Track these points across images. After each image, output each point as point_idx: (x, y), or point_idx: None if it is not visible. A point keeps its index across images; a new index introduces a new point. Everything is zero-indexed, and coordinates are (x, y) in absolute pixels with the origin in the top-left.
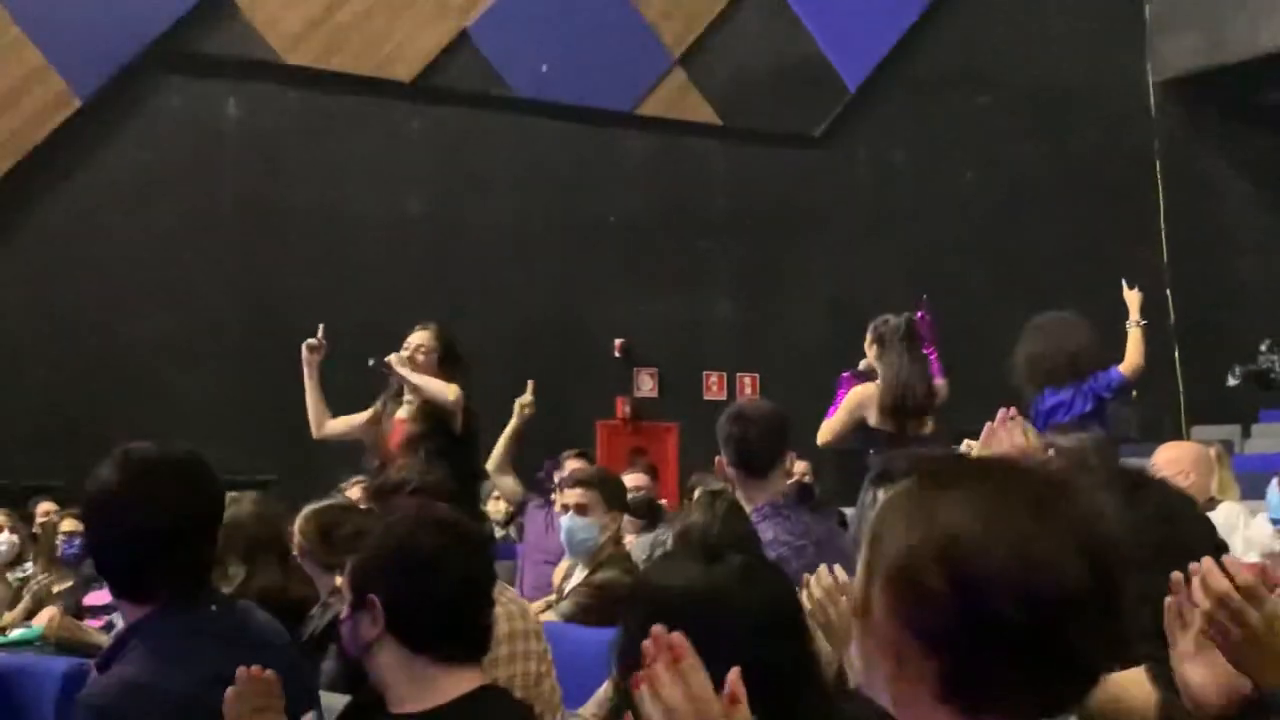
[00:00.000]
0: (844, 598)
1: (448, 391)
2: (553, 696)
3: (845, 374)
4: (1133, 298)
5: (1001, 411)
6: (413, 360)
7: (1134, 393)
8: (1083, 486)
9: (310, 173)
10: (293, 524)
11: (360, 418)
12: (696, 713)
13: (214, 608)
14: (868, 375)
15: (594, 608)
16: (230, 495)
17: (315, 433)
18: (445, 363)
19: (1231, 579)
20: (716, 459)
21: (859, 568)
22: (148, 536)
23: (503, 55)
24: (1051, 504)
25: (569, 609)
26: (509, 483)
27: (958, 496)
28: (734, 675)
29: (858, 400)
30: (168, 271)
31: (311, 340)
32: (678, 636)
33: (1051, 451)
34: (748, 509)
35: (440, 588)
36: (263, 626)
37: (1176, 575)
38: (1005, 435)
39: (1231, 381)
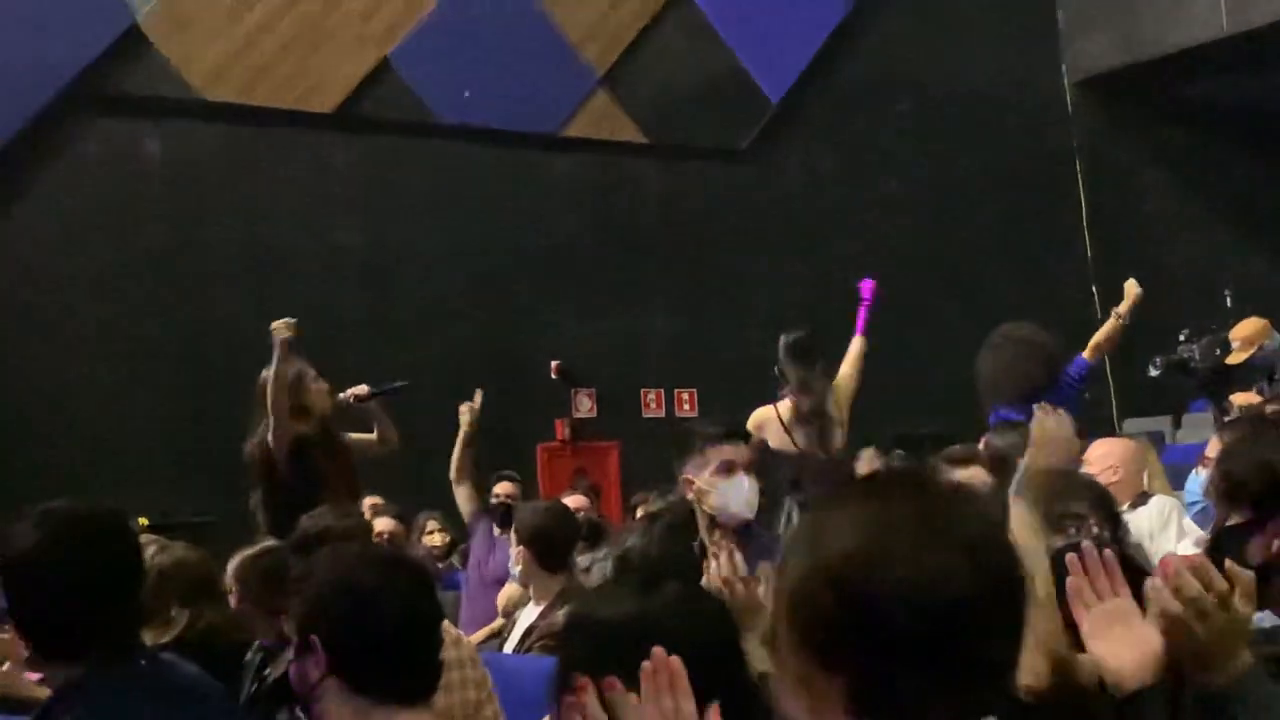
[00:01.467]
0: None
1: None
2: None
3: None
4: (1129, 289)
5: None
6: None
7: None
8: (988, 490)
9: (237, 208)
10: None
11: None
12: None
13: (143, 662)
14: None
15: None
16: (160, 541)
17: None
18: None
19: (1205, 583)
20: (683, 477)
21: (772, 598)
22: (74, 596)
23: (425, 82)
24: (939, 514)
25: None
26: (465, 492)
27: (846, 517)
28: (713, 714)
29: (754, 424)
30: (97, 314)
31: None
32: (677, 664)
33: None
34: None
35: (382, 626)
36: (194, 678)
37: (1072, 557)
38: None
39: (1153, 372)
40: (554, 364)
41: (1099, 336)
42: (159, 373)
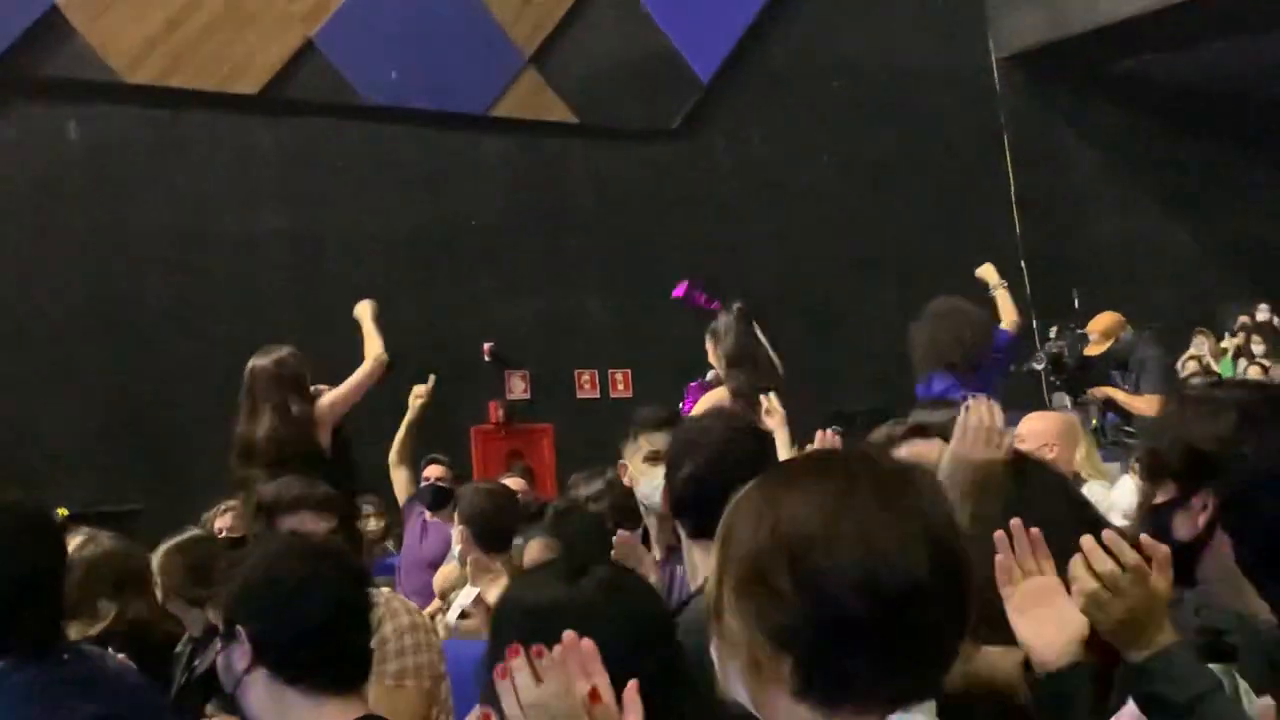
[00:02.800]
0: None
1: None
2: (448, 700)
3: (693, 384)
4: (987, 270)
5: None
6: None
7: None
8: (927, 471)
9: (160, 193)
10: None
11: None
12: (562, 710)
13: (66, 656)
14: (716, 384)
15: None
16: (87, 532)
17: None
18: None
19: (1118, 559)
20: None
21: (711, 566)
22: None
23: (351, 63)
24: (893, 495)
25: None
26: (404, 476)
27: (800, 493)
28: (630, 690)
29: (710, 405)
30: (18, 302)
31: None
32: (589, 645)
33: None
34: None
35: (308, 617)
36: (119, 670)
37: (1000, 534)
38: (977, 413)
39: (1036, 366)
40: (486, 346)
41: (1010, 311)
42: (82, 359)
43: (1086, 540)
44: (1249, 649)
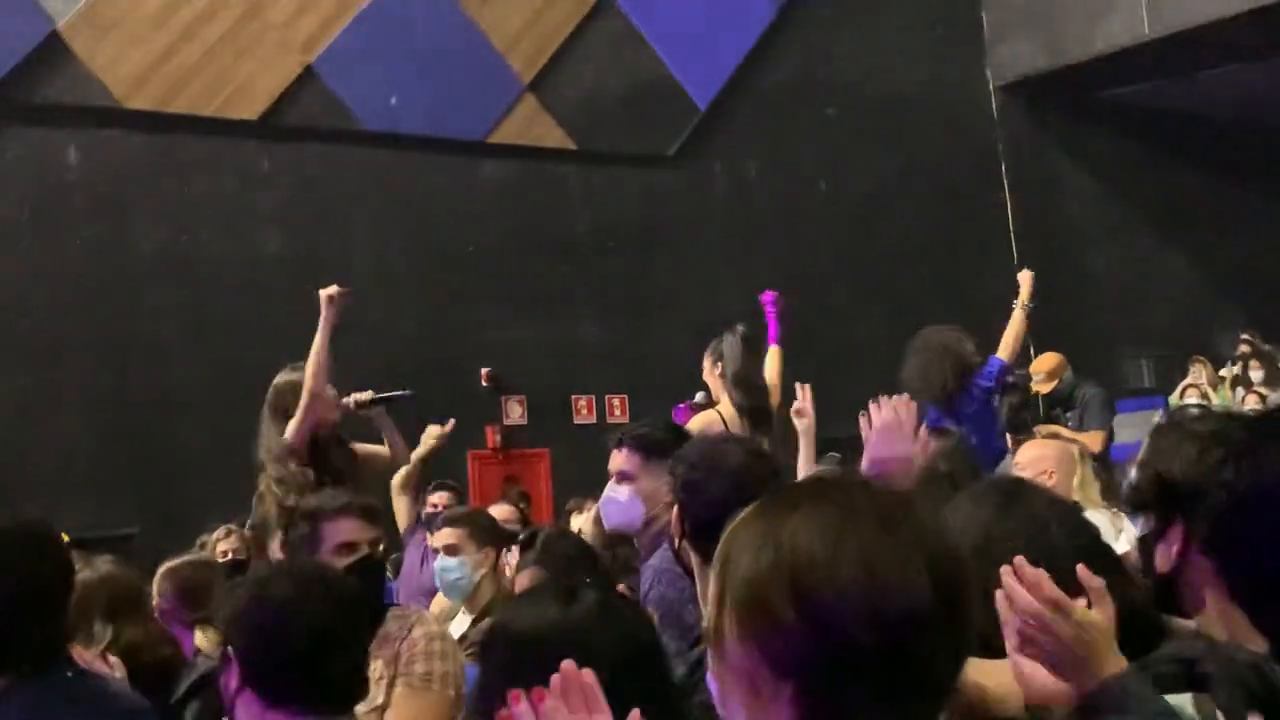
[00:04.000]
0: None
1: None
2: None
3: (680, 405)
4: (1024, 277)
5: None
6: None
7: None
8: (928, 497)
9: (159, 218)
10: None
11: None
12: None
13: (69, 674)
14: (705, 407)
15: None
16: (83, 557)
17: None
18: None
19: (1036, 592)
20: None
21: (710, 591)
22: (3, 607)
23: (350, 90)
24: (895, 521)
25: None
26: (406, 504)
27: (802, 518)
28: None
29: (700, 427)
30: (17, 325)
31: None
32: (589, 677)
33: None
34: None
35: (290, 642)
36: (122, 691)
37: (1004, 568)
38: (880, 411)
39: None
40: (484, 371)
41: (1009, 332)
42: (80, 384)
43: (1006, 577)
44: (1224, 679)
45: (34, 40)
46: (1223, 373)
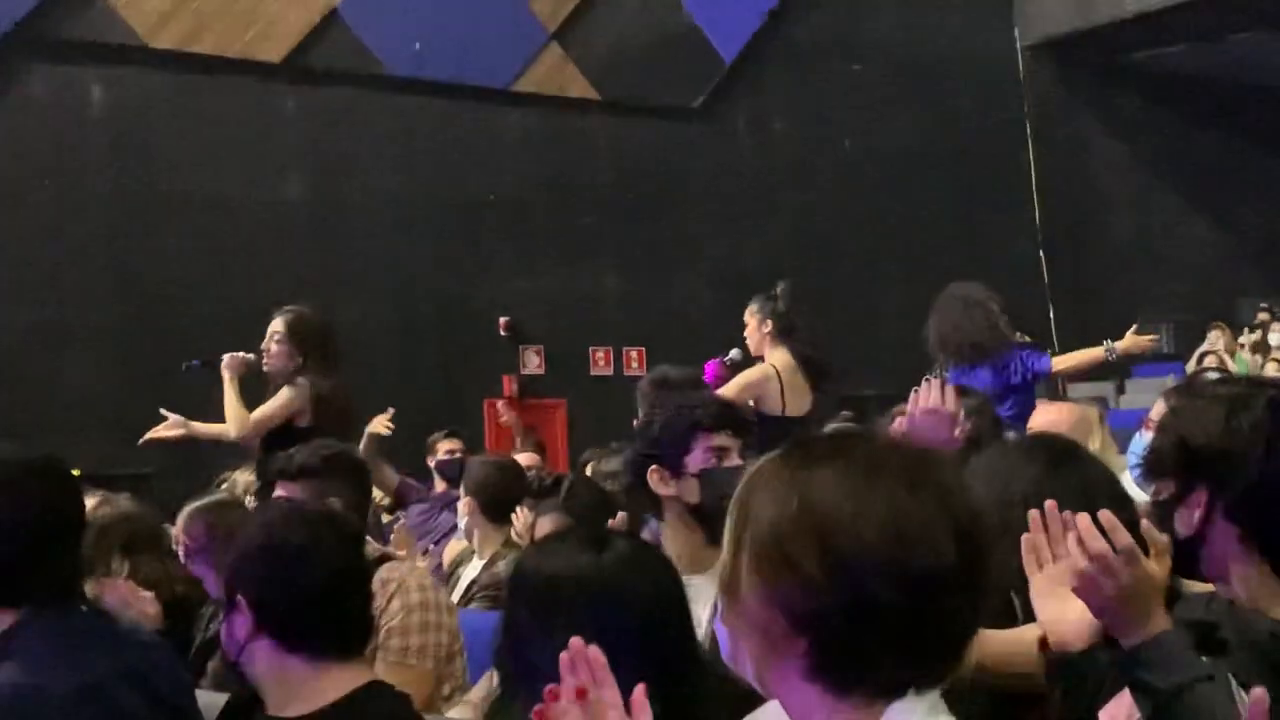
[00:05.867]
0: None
1: (230, 427)
2: (462, 676)
3: (710, 362)
4: (1134, 340)
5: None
6: (267, 350)
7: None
8: (951, 456)
9: (181, 157)
10: (172, 522)
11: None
12: None
13: (84, 609)
14: (738, 367)
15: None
16: (102, 494)
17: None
18: (297, 352)
19: (1110, 540)
20: None
21: (725, 541)
22: (19, 540)
23: (374, 33)
24: (919, 477)
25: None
26: (385, 474)
27: (828, 473)
28: (639, 694)
29: (754, 379)
30: (39, 262)
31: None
32: (596, 654)
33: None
34: None
35: (308, 582)
36: (133, 626)
37: (1034, 513)
38: (927, 395)
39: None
40: (502, 320)
41: (1077, 358)
42: (101, 320)
43: (1082, 519)
44: (1242, 645)
45: None
46: (1241, 339)
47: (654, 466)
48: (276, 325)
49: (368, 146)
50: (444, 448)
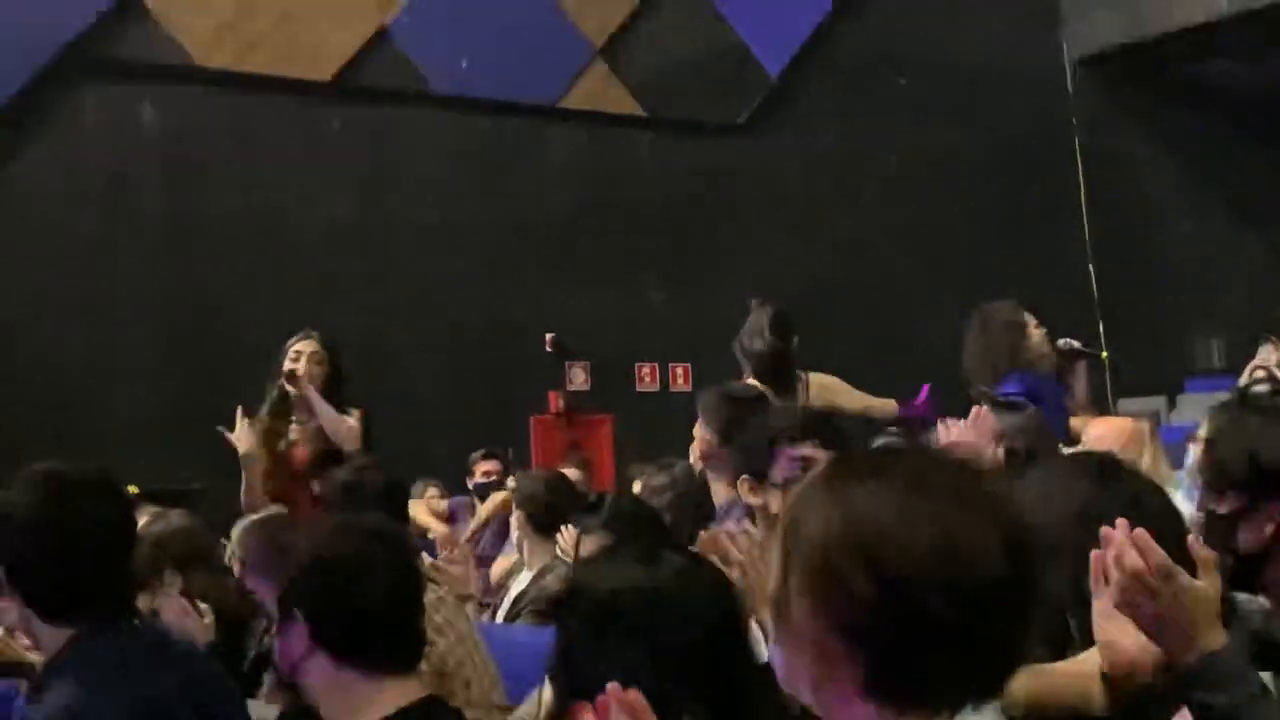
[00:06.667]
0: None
1: (349, 442)
2: (492, 692)
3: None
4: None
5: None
6: (307, 373)
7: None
8: (1001, 470)
9: (231, 176)
10: (225, 537)
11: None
12: None
13: (137, 623)
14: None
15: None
16: (156, 510)
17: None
18: (333, 377)
19: (1146, 556)
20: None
21: (774, 559)
22: (74, 557)
23: (422, 52)
24: (968, 492)
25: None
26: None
27: (875, 487)
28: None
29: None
30: (90, 282)
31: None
32: (636, 697)
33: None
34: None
35: (363, 596)
36: (186, 638)
37: (1106, 530)
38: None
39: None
40: (548, 336)
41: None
42: (151, 340)
43: (1114, 534)
44: None
45: None
46: None
47: (744, 476)
48: (310, 346)
49: (414, 164)
50: (481, 469)
